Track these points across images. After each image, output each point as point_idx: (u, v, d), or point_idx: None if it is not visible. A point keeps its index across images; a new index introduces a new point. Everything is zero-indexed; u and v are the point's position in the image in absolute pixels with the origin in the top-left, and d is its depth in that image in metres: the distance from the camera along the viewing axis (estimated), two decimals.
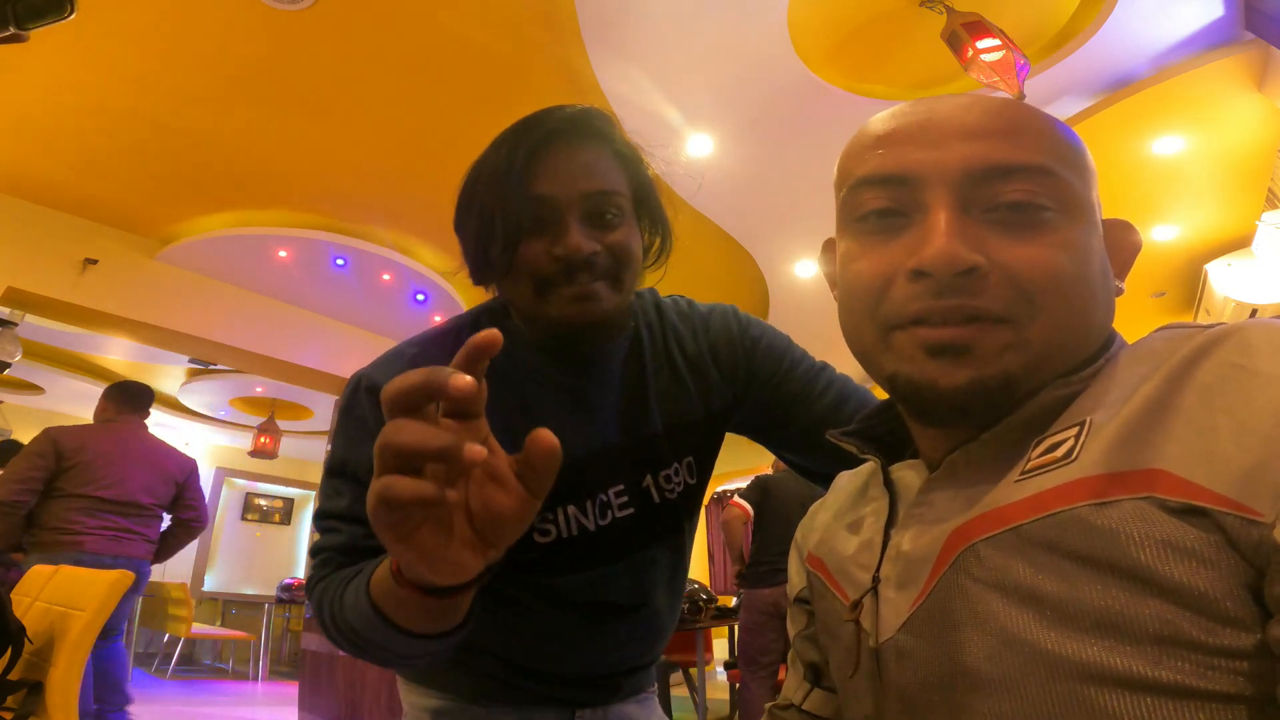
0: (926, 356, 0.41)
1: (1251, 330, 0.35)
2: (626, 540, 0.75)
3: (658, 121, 3.17)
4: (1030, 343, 0.40)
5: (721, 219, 3.90)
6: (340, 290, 4.56)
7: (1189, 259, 4.21)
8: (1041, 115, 0.43)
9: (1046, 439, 0.39)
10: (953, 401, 0.40)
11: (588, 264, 0.66)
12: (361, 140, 3.37)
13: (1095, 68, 2.89)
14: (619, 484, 0.74)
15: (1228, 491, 0.31)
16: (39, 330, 4.96)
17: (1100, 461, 0.35)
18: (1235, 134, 3.19)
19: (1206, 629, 0.31)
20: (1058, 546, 0.35)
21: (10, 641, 1.82)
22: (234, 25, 2.69)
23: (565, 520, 0.71)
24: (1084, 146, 0.44)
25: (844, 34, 2.83)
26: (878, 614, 0.45)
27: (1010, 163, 0.41)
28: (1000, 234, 0.40)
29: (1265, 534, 0.30)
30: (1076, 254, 0.40)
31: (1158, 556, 0.32)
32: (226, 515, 8.36)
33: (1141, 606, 0.32)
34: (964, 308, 0.39)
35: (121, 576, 1.91)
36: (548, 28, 2.72)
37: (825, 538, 0.55)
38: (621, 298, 0.69)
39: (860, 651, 0.46)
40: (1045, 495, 0.37)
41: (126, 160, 3.48)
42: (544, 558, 0.71)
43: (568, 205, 0.67)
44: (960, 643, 0.38)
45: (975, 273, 0.39)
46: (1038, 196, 0.40)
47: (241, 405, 6.94)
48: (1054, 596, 0.35)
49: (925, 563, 0.42)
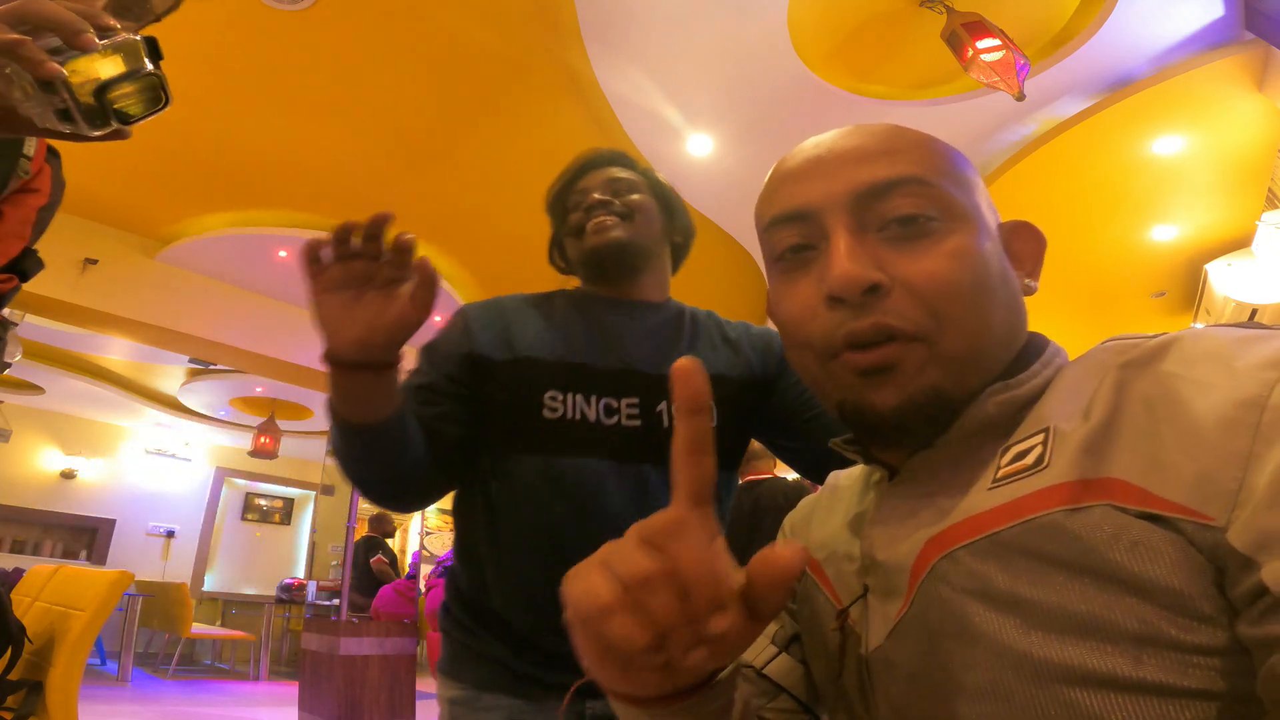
0: (860, 380, 0.43)
1: (1187, 341, 0.36)
2: (626, 445, 0.87)
3: (658, 121, 3.17)
4: (946, 355, 0.42)
5: (721, 219, 3.91)
6: None
7: (1189, 259, 4.21)
8: (914, 133, 0.46)
9: (1012, 447, 0.40)
10: (891, 422, 0.42)
11: (603, 204, 0.94)
12: (361, 140, 3.37)
13: (1095, 68, 2.89)
14: (633, 397, 0.88)
15: (1180, 499, 0.32)
16: (39, 330, 4.96)
17: (1071, 469, 0.36)
18: (1235, 134, 3.19)
19: (1184, 627, 0.32)
20: (1035, 552, 0.36)
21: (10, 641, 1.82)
22: (234, 25, 2.69)
23: (571, 404, 0.87)
24: (961, 158, 0.47)
25: (844, 34, 2.83)
26: (867, 622, 0.45)
27: (889, 178, 0.43)
28: (896, 250, 0.43)
29: (1219, 538, 0.31)
30: (968, 260, 0.42)
31: (1131, 557, 0.33)
32: (226, 515, 8.36)
33: (1119, 607, 0.33)
34: (880, 325, 0.41)
35: (120, 577, 1.91)
36: (548, 28, 2.72)
37: (824, 540, 0.54)
38: (632, 229, 0.94)
39: (846, 657, 0.46)
40: (1021, 502, 0.37)
41: (126, 160, 3.48)
42: (549, 434, 0.86)
43: (595, 187, 0.97)
44: (943, 650, 0.39)
45: (879, 290, 0.42)
46: (922, 207, 0.43)
47: (241, 405, 6.94)
48: (1033, 601, 0.35)
49: (902, 571, 0.42)
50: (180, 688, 5.50)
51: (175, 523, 7.77)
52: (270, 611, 6.72)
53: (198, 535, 7.96)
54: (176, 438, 8.03)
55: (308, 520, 8.74)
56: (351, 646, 4.31)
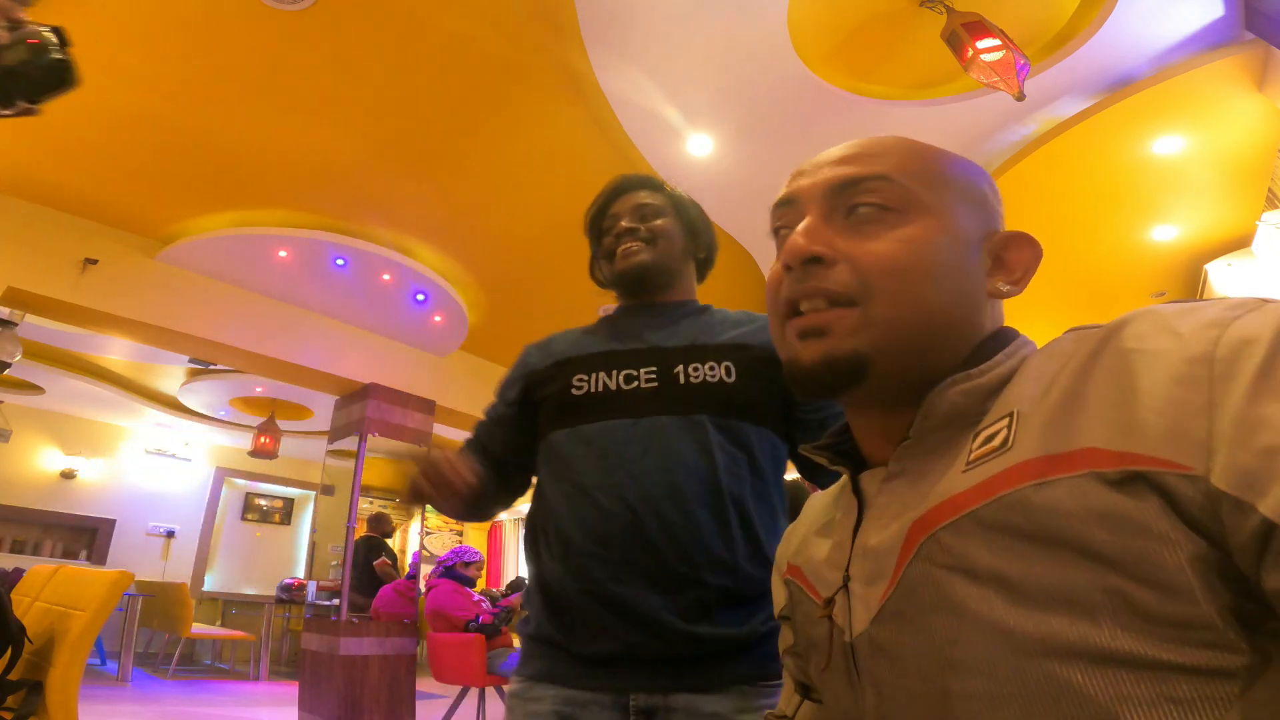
0: (798, 340, 0.49)
1: (1140, 318, 0.39)
2: (642, 403, 0.98)
3: (658, 121, 3.17)
4: (875, 322, 0.47)
5: (721, 219, 3.90)
6: (340, 290, 4.56)
7: (1189, 259, 4.21)
8: (899, 141, 0.52)
9: (981, 432, 0.43)
10: (810, 374, 0.48)
11: (630, 231, 1.09)
12: (362, 140, 3.37)
13: (1095, 68, 2.89)
14: (652, 366, 1.00)
15: (1157, 453, 0.33)
16: (39, 330, 4.96)
17: (1035, 446, 0.38)
18: (1235, 134, 3.19)
19: (1157, 597, 0.32)
20: (1009, 528, 0.38)
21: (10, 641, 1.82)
22: (234, 25, 2.69)
23: (596, 381, 1.01)
24: (949, 164, 0.52)
25: (844, 34, 2.83)
26: (850, 610, 0.47)
27: (859, 174, 0.50)
28: (853, 233, 0.49)
29: (1205, 486, 0.32)
30: (913, 245, 0.47)
31: (1096, 528, 0.34)
32: (226, 515, 8.36)
33: (1091, 578, 0.34)
34: (817, 289, 0.48)
35: (120, 577, 1.91)
36: (548, 28, 2.72)
37: (801, 547, 0.58)
38: (656, 254, 1.09)
39: (833, 647, 0.48)
40: (991, 481, 0.40)
41: (127, 160, 3.48)
42: (577, 408, 1.00)
43: (625, 213, 1.11)
44: (930, 628, 0.40)
45: (822, 261, 0.48)
46: (883, 200, 0.49)
47: (241, 405, 6.94)
48: (1012, 576, 0.37)
49: (890, 555, 0.45)
50: (180, 688, 5.50)
51: (175, 523, 7.77)
52: (270, 611, 6.72)
53: (198, 535, 7.96)
54: (176, 438, 8.03)
55: (308, 520, 8.74)
56: (351, 646, 4.31)
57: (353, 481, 4.72)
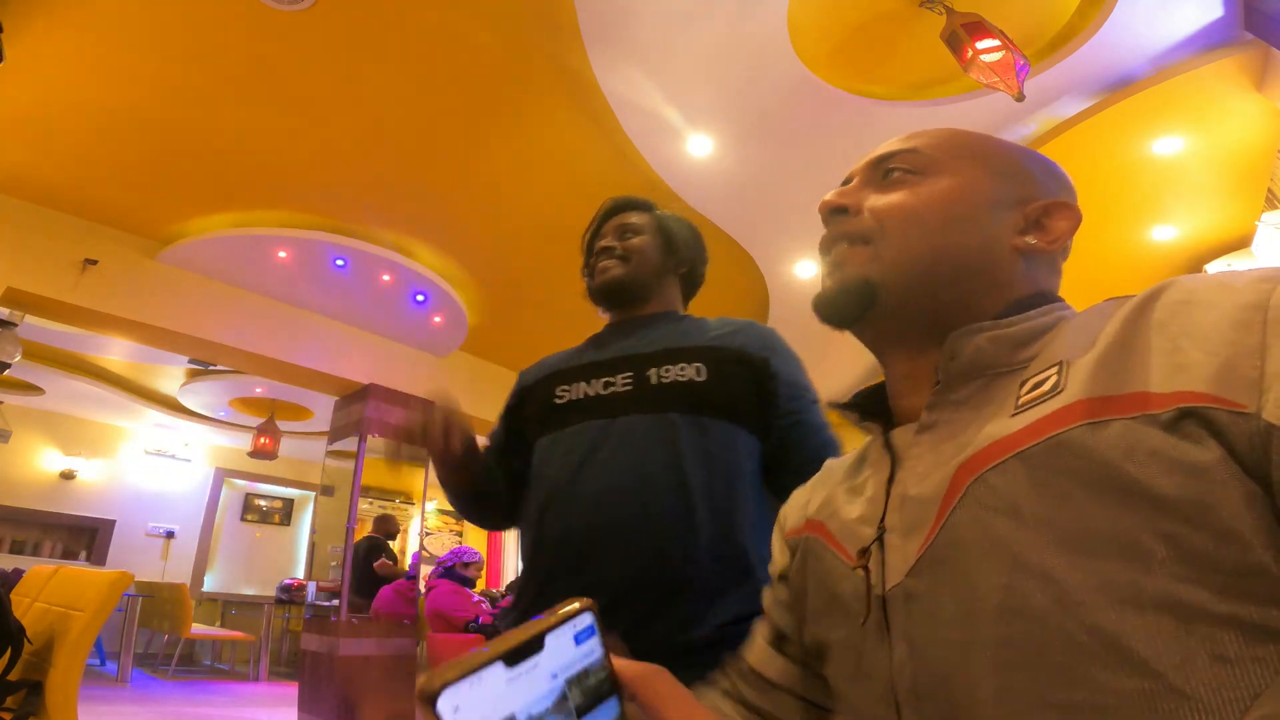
0: (826, 275, 0.56)
1: (1185, 279, 0.40)
2: (617, 404, 1.02)
3: (658, 122, 3.17)
4: (883, 256, 0.52)
5: (721, 220, 3.90)
6: (340, 291, 4.56)
7: (1189, 260, 4.21)
8: (943, 129, 0.58)
9: (1029, 379, 0.44)
10: (828, 299, 0.54)
11: (607, 250, 1.17)
12: (361, 140, 3.37)
13: (1095, 68, 2.89)
14: (629, 371, 1.05)
15: (1209, 389, 0.34)
16: (39, 331, 4.96)
17: (1087, 388, 0.39)
18: (1235, 134, 3.19)
19: (1213, 542, 0.32)
20: (1059, 468, 0.37)
21: (10, 642, 1.82)
22: (234, 25, 2.69)
23: (576, 390, 1.07)
24: (976, 140, 0.57)
25: (844, 34, 2.83)
26: (884, 563, 0.46)
27: (895, 149, 0.57)
28: (879, 191, 0.56)
29: (1256, 423, 0.32)
30: (926, 197, 0.53)
31: (1149, 468, 0.34)
32: (226, 516, 8.35)
33: (1143, 521, 0.33)
34: (841, 232, 0.55)
35: (120, 577, 1.91)
36: (548, 29, 2.72)
37: (826, 502, 0.57)
38: (627, 269, 1.15)
39: (870, 600, 0.47)
40: (1041, 422, 0.40)
41: (126, 161, 3.48)
42: (561, 412, 1.06)
43: (608, 233, 1.20)
44: (973, 574, 0.39)
45: (845, 211, 0.56)
46: (909, 164, 0.55)
47: (241, 406, 6.93)
48: (1062, 519, 0.36)
49: (933, 503, 0.44)
50: (180, 688, 5.50)
51: (175, 523, 7.76)
52: (270, 612, 6.72)
53: (197, 536, 7.95)
54: (176, 438, 8.02)
55: (307, 521, 8.74)
56: (351, 647, 4.31)
57: (352, 482, 4.72)
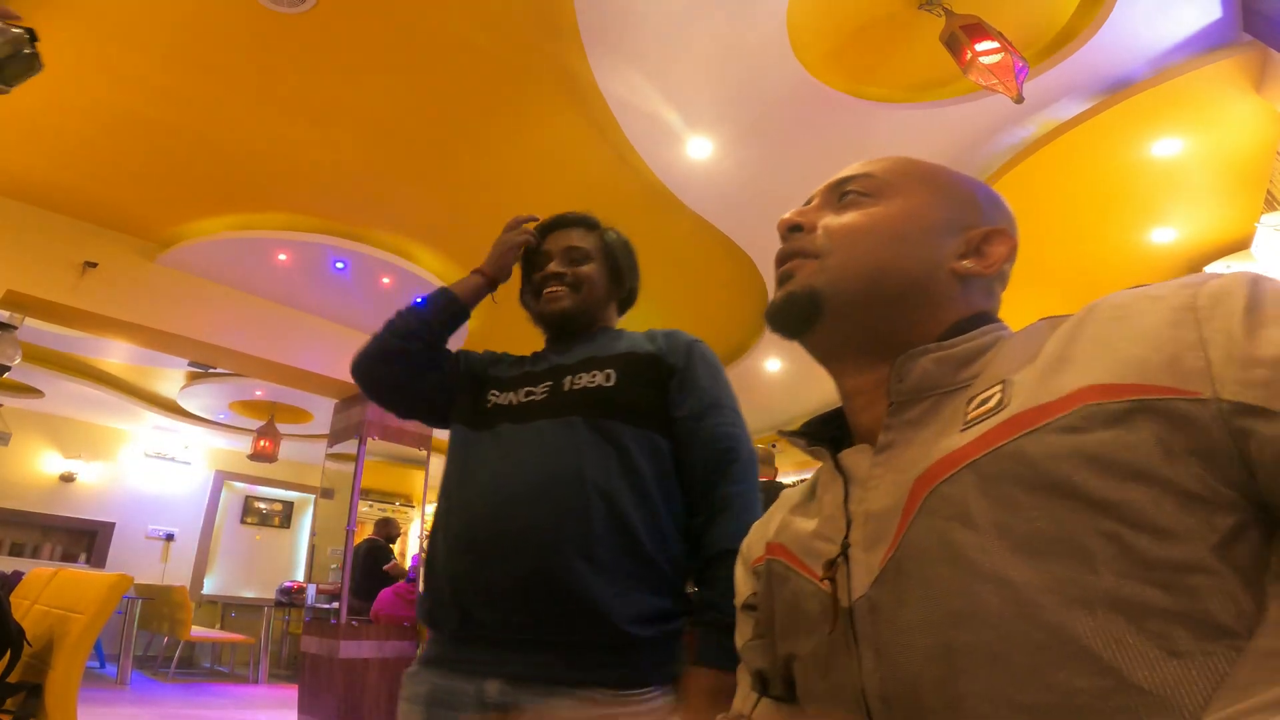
0: (777, 287, 0.60)
1: (1113, 296, 0.43)
2: (532, 410, 1.07)
3: (657, 124, 3.17)
4: (829, 269, 0.56)
5: (720, 222, 3.91)
6: (340, 293, 4.56)
7: (1188, 261, 4.21)
8: (899, 157, 0.62)
9: (975, 398, 0.46)
10: (776, 309, 0.59)
11: (557, 277, 1.17)
12: (362, 143, 3.37)
13: (1094, 69, 2.89)
14: (549, 381, 1.10)
15: (1162, 381, 0.36)
16: (39, 333, 4.96)
17: (1028, 399, 0.41)
18: (1234, 136, 3.19)
19: (1153, 541, 0.33)
20: (1006, 477, 0.39)
21: (10, 644, 1.82)
22: (235, 28, 2.70)
23: (503, 398, 1.11)
24: (927, 168, 0.61)
25: (843, 36, 2.83)
26: (849, 575, 0.48)
27: (852, 174, 0.61)
28: (836, 213, 0.59)
29: (1218, 407, 0.34)
30: (872, 216, 0.57)
31: (1087, 472, 0.36)
32: (226, 518, 8.35)
33: (1086, 522, 0.35)
34: (795, 249, 0.59)
35: (120, 580, 1.91)
36: (547, 30, 2.73)
37: (784, 526, 0.60)
38: (578, 299, 1.16)
39: (836, 612, 0.48)
40: (988, 434, 0.42)
41: (126, 163, 3.48)
42: (484, 415, 1.11)
43: (556, 253, 1.20)
44: (932, 580, 0.41)
45: (800, 229, 0.60)
46: (863, 188, 0.59)
47: (241, 408, 6.93)
48: (1011, 524, 0.38)
49: (893, 516, 0.46)
50: (179, 690, 5.50)
51: (175, 526, 7.76)
52: (270, 614, 6.72)
53: (197, 538, 7.95)
54: (176, 441, 8.02)
55: (307, 523, 8.73)
56: (351, 650, 4.30)
57: (352, 485, 4.72)
